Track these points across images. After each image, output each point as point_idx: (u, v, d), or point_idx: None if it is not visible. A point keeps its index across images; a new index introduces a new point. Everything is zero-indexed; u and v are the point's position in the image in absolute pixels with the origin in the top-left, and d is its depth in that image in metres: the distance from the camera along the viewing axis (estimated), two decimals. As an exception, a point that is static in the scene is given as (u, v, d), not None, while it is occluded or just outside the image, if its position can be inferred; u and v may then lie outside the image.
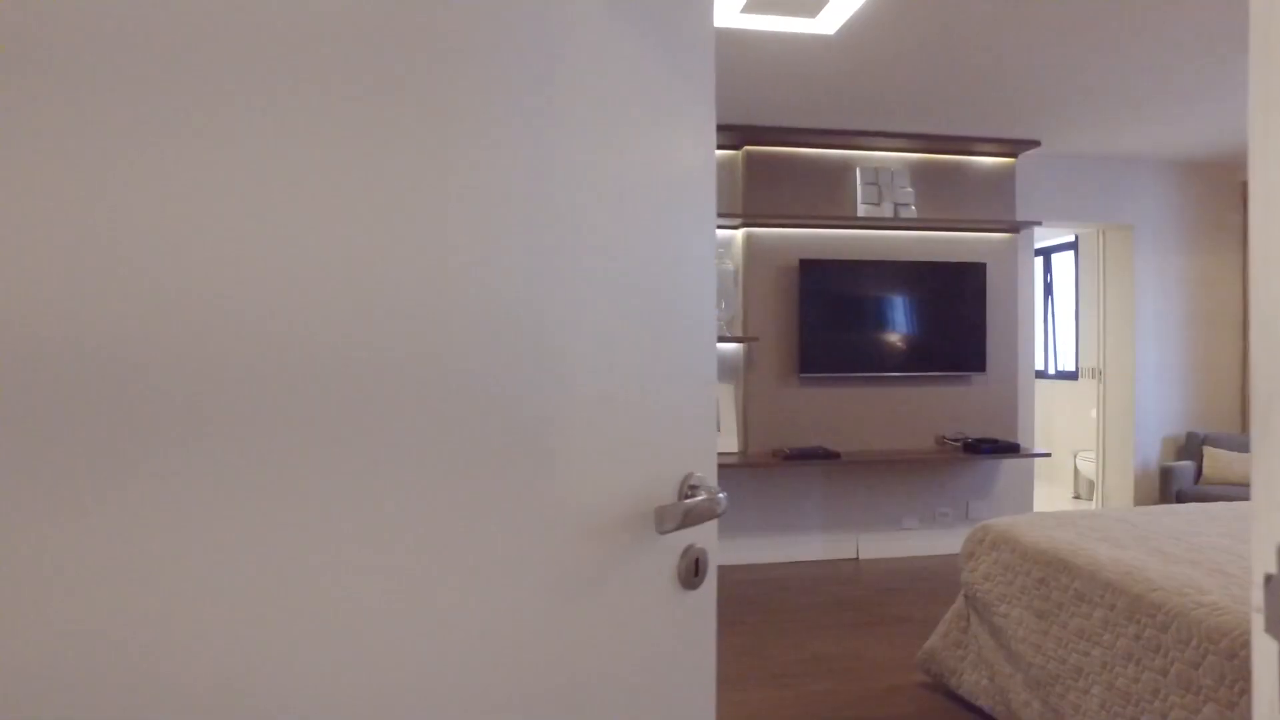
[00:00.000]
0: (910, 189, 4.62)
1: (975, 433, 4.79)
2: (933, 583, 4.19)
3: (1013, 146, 4.66)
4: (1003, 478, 4.92)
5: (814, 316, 4.51)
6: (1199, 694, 1.84)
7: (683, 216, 0.97)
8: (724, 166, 4.60)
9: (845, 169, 4.64)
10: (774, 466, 4.57)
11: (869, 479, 4.75)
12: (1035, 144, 4.65)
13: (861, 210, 4.57)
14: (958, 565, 4.39)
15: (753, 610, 3.78)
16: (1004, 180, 4.81)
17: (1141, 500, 5.25)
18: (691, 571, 0.98)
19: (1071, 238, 7.01)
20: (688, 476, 0.98)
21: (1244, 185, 5.34)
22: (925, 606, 3.80)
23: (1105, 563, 2.24)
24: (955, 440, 4.70)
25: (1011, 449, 4.49)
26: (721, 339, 4.43)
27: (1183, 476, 4.78)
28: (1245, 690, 1.73)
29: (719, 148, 4.56)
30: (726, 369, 4.61)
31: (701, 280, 1.00)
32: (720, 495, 0.92)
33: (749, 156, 4.53)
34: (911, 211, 4.60)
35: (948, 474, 4.84)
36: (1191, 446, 5.03)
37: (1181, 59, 3.41)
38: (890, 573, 4.39)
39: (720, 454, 4.43)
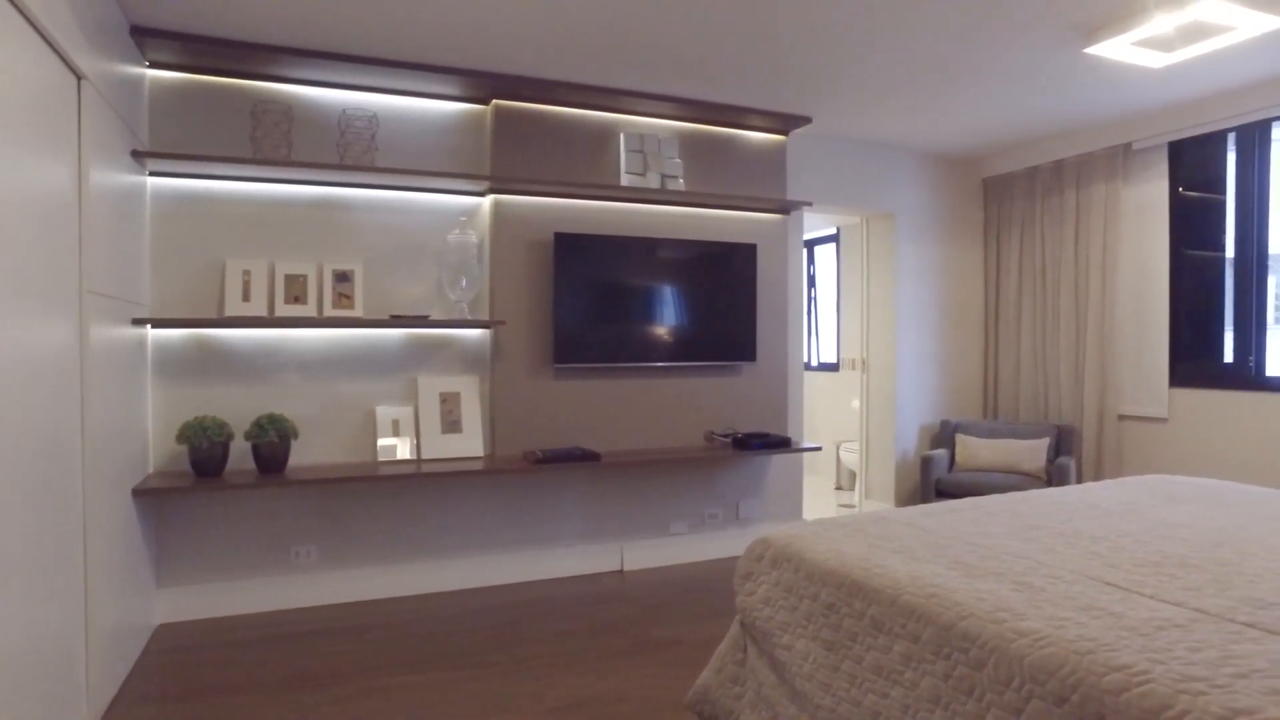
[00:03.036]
0: (679, 160, 4.19)
1: (745, 427, 4.47)
2: (704, 594, 3.78)
3: (784, 122, 4.39)
4: (773, 473, 4.66)
5: (571, 298, 3.95)
6: (1021, 747, 1.45)
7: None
8: (468, 122, 3.91)
9: (608, 133, 4.13)
10: (526, 472, 3.95)
11: (633, 482, 4.28)
12: (807, 120, 4.41)
13: (625, 180, 4.07)
14: (729, 573, 4.02)
15: (499, 645, 3.14)
16: (775, 158, 4.54)
17: (903, 489, 5.25)
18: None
19: (834, 230, 7.06)
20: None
21: (984, 182, 5.52)
22: (697, 624, 3.36)
23: (905, 583, 1.84)
24: (725, 436, 4.35)
25: (783, 443, 4.21)
26: (462, 323, 3.73)
27: (939, 465, 4.79)
28: (1078, 743, 1.35)
29: (460, 99, 3.86)
30: (469, 359, 3.92)
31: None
32: None
33: (499, 112, 3.88)
34: (680, 184, 4.17)
35: (717, 472, 4.49)
36: (945, 435, 5.08)
37: (939, 48, 3.25)
38: (658, 584, 3.93)
39: (461, 459, 3.74)
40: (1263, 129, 4.17)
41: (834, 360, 7.11)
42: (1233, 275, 4.29)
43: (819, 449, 4.39)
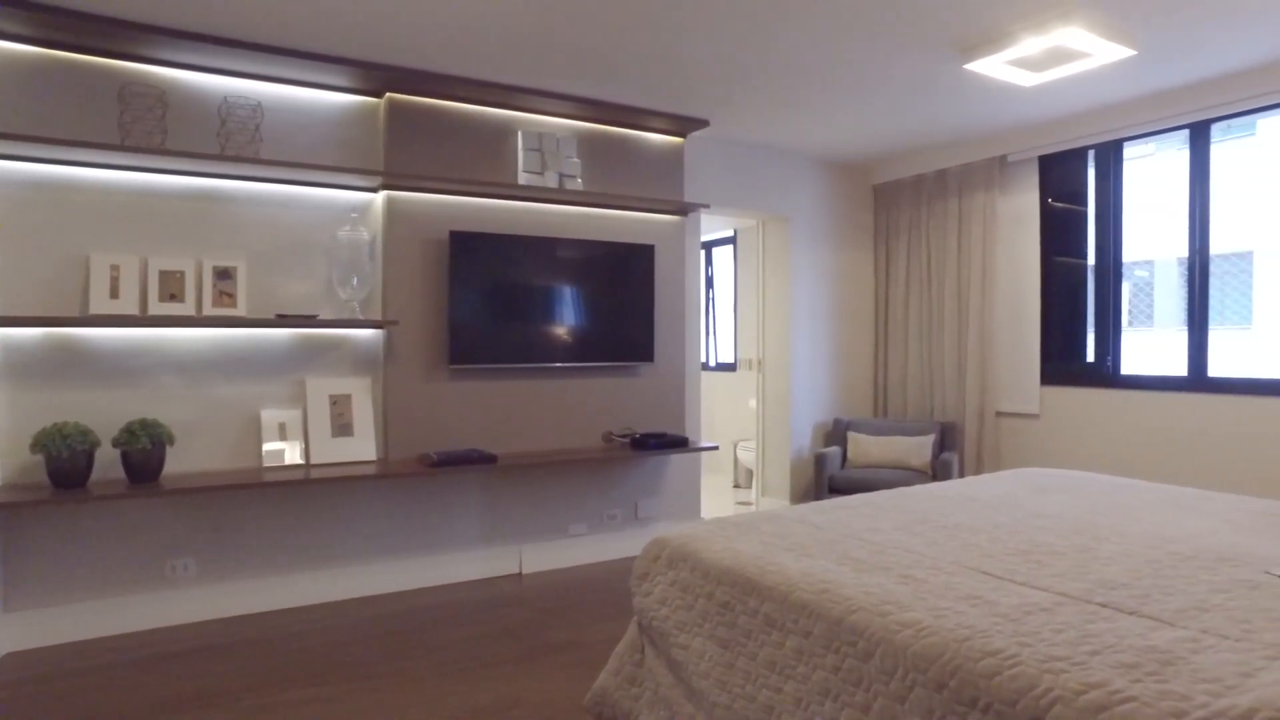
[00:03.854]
0: (577, 160, 4.17)
1: (643, 427, 4.50)
2: (603, 595, 3.77)
3: (683, 124, 4.44)
4: (671, 473, 4.71)
5: (467, 298, 3.88)
6: (904, 734, 1.51)
7: None
8: (360, 115, 3.77)
9: (506, 131, 4.07)
10: (421, 475, 3.86)
11: (532, 483, 4.24)
12: (705, 123, 4.47)
13: (523, 179, 4.03)
14: (628, 574, 4.03)
15: (394, 655, 3.04)
16: (673, 160, 4.58)
17: (799, 486, 5.39)
18: None
19: (730, 232, 7.20)
20: None
21: (875, 188, 5.74)
22: (596, 626, 3.35)
23: (797, 579, 1.89)
24: (624, 436, 4.36)
25: (681, 443, 4.26)
26: (353, 323, 3.60)
27: (832, 462, 4.94)
28: (956, 728, 1.42)
29: (352, 90, 3.73)
30: (361, 360, 3.79)
31: None
32: None
33: (393, 105, 3.76)
34: (578, 184, 4.16)
35: (616, 473, 4.50)
36: (838, 432, 5.25)
37: (831, 59, 3.36)
38: (557, 587, 3.90)
39: (353, 463, 3.61)
40: (1116, 148, 4.50)
41: (731, 360, 7.25)
42: (1093, 281, 4.62)
43: (716, 448, 4.47)
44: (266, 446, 3.51)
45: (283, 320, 3.43)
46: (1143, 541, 2.16)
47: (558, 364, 4.14)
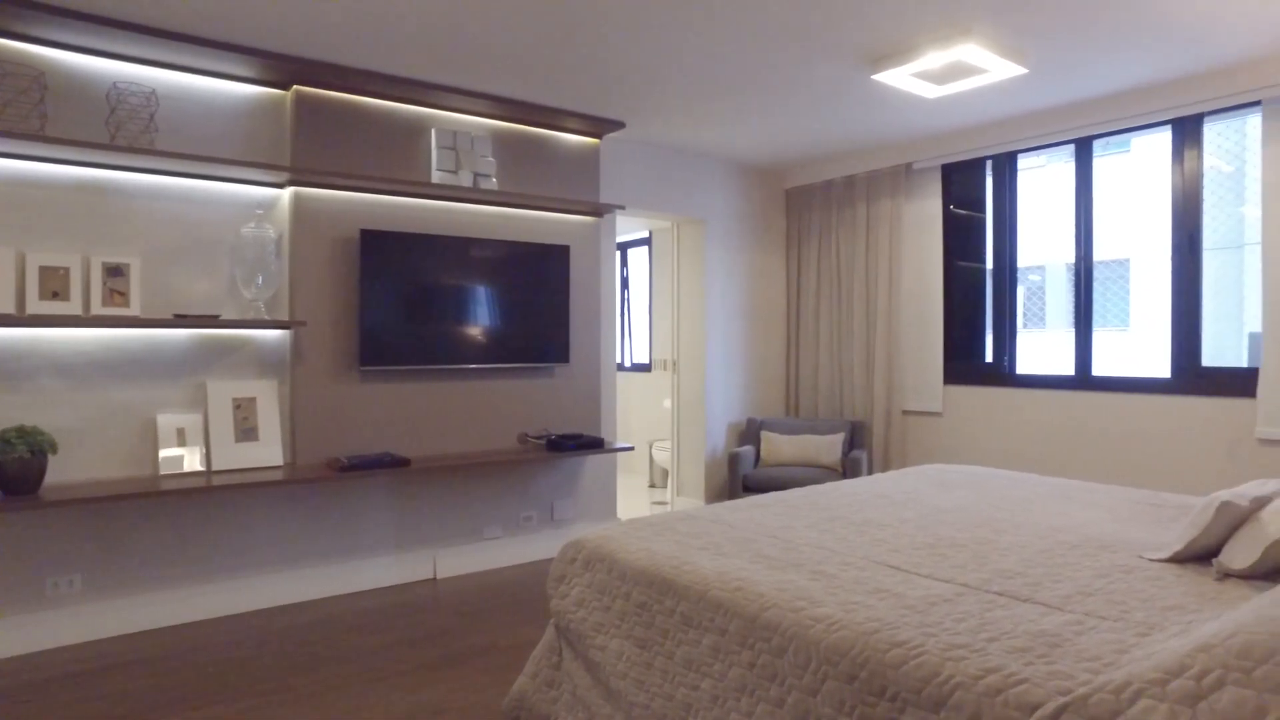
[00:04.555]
0: (492, 159, 4.13)
1: (559, 428, 4.48)
2: (520, 598, 3.74)
3: (599, 125, 4.44)
4: (587, 474, 4.70)
5: (378, 298, 3.78)
6: (816, 725, 1.56)
7: None
8: (265, 107, 3.63)
9: (419, 129, 3.99)
10: (330, 480, 3.74)
11: (446, 487, 4.17)
12: (620, 125, 4.49)
13: (436, 177, 3.95)
14: (545, 576, 4.00)
15: (303, 667, 2.94)
16: (589, 161, 4.58)
17: (713, 485, 5.47)
18: None
19: (646, 233, 7.24)
20: None
21: (787, 192, 5.88)
22: (513, 629, 3.32)
23: (712, 578, 1.92)
24: (539, 438, 4.33)
25: (597, 444, 4.26)
26: (259, 324, 3.47)
27: (746, 461, 5.04)
28: (865, 717, 1.47)
29: (257, 82, 3.59)
30: (267, 362, 3.65)
31: None
32: None
33: (300, 99, 3.63)
34: (493, 184, 4.11)
35: (531, 474, 4.47)
36: (751, 432, 5.36)
37: (744, 66, 3.42)
38: (473, 591, 3.85)
39: (258, 468, 3.47)
40: (1011, 159, 4.74)
41: (646, 361, 7.30)
42: (991, 285, 4.85)
43: (632, 449, 4.49)
44: (163, 453, 3.34)
45: (181, 320, 3.27)
46: (1036, 533, 2.28)
47: (472, 365, 4.08)
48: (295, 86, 3.63)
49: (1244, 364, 3.90)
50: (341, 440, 3.76)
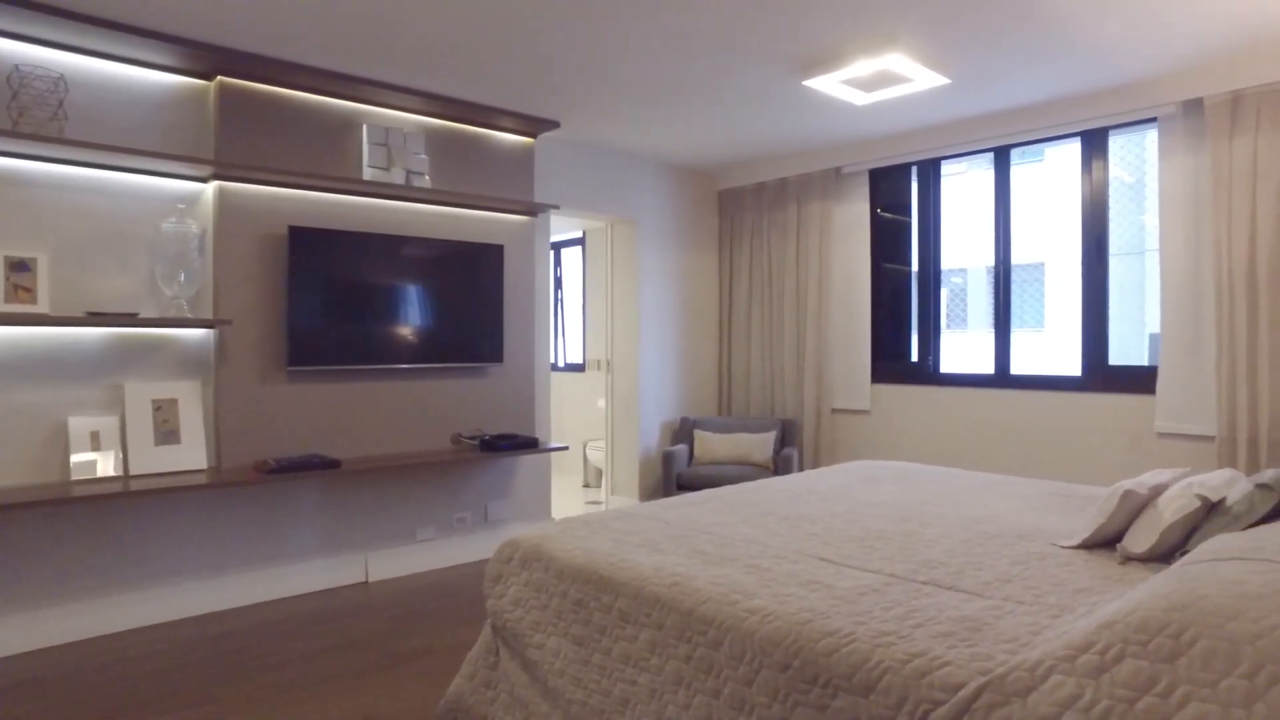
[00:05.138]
0: (425, 156, 4.07)
1: (493, 428, 4.46)
2: (454, 600, 3.71)
3: (533, 125, 4.43)
4: (521, 474, 4.69)
5: (308, 297, 3.70)
6: (752, 713, 1.60)
7: None
8: (187, 98, 3.51)
9: (350, 124, 3.91)
10: (257, 483, 3.64)
11: (378, 488, 4.10)
12: (555, 124, 4.49)
13: (368, 174, 3.89)
14: (479, 578, 3.98)
15: (228, 677, 2.85)
16: (523, 160, 4.57)
17: (647, 484, 5.51)
18: None
19: (580, 234, 7.25)
20: None
21: (720, 194, 5.96)
22: (448, 631, 3.29)
23: (649, 574, 1.95)
24: (472, 438, 4.30)
25: (531, 444, 4.25)
26: (180, 322, 3.35)
27: (680, 460, 5.09)
28: (798, 704, 1.52)
29: (178, 71, 3.47)
30: (189, 362, 3.53)
31: None
32: None
33: (225, 90, 3.52)
34: (426, 181, 4.06)
35: (465, 475, 4.43)
36: (684, 431, 5.42)
37: (678, 68, 3.47)
38: (406, 593, 3.80)
39: (180, 472, 3.36)
40: (935, 165, 4.92)
41: (580, 361, 7.30)
42: (916, 286, 5.02)
43: (566, 448, 4.49)
44: (75, 458, 3.19)
45: (95, 319, 3.13)
46: (959, 524, 2.38)
47: (404, 365, 4.02)
48: (219, 77, 3.52)
49: (1145, 363, 4.13)
50: (269, 442, 3.66)
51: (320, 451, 3.82)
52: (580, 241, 7.30)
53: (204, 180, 3.54)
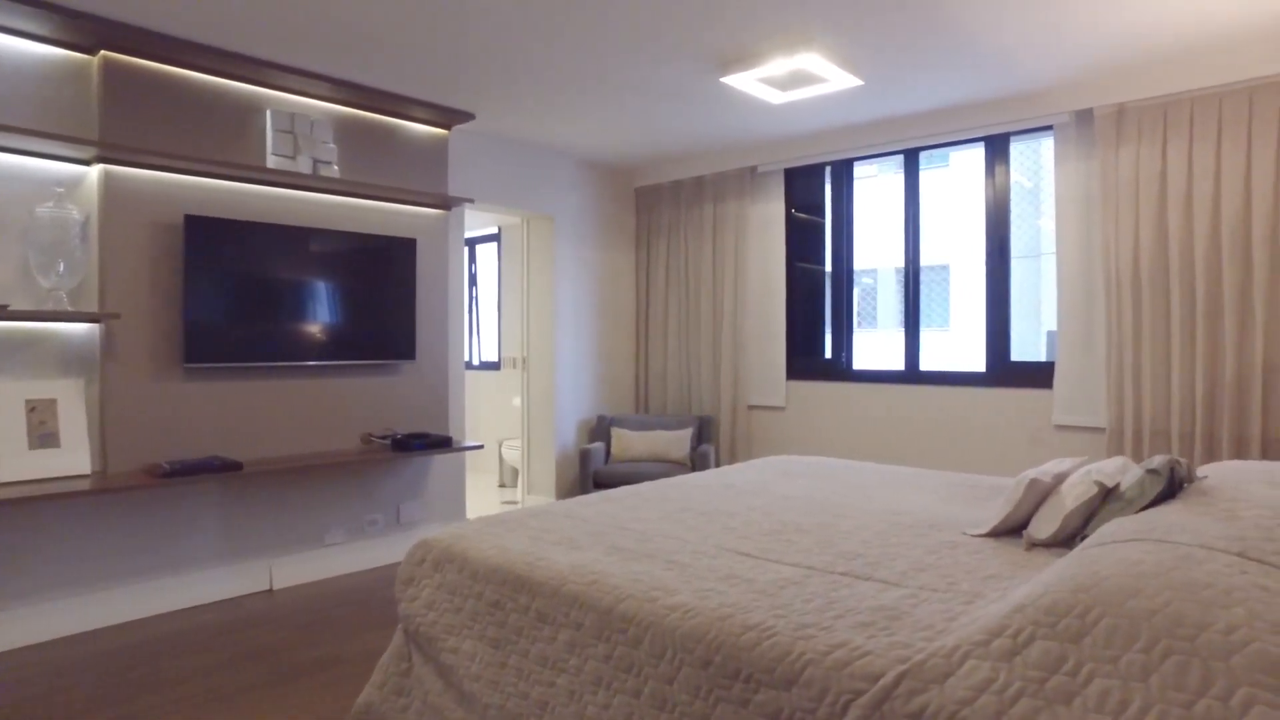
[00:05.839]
0: (333, 145, 3.92)
1: (405, 428, 4.33)
2: (365, 605, 3.57)
3: (447, 116, 4.31)
4: (435, 474, 4.56)
5: (206, 290, 3.50)
6: (673, 711, 1.58)
7: None
8: (66, 73, 3.27)
9: (252, 109, 3.72)
10: (150, 488, 3.43)
11: (283, 491, 3.91)
12: (470, 116, 4.38)
13: (272, 162, 3.71)
14: (391, 582, 3.85)
15: (118, 697, 2.66)
16: (437, 152, 4.44)
17: (564, 483, 5.45)
18: None
19: (495, 229, 7.12)
20: None
21: (637, 191, 5.95)
22: (358, 639, 3.16)
23: (567, 573, 1.90)
24: (384, 437, 4.16)
25: (444, 443, 4.14)
26: (59, 316, 3.11)
27: (597, 457, 5.05)
28: (721, 699, 1.51)
29: (55, 42, 3.22)
30: (70, 359, 3.29)
31: None
32: None
33: (109, 66, 3.29)
34: (335, 171, 3.90)
35: (376, 476, 4.28)
36: (602, 429, 5.38)
37: (595, 62, 3.44)
38: (313, 600, 3.64)
39: (59, 478, 3.12)
40: (848, 166, 5.03)
41: (495, 359, 7.18)
42: (830, 285, 5.12)
43: (481, 447, 4.40)
44: (-60, 462, 2.93)
45: (-38, 311, 2.88)
46: (874, 516, 2.42)
47: (313, 362, 3.86)
48: (103, 52, 3.29)
49: (1043, 359, 4.33)
50: (163, 444, 3.44)
51: (221, 453, 3.62)
52: (496, 238, 7.18)
53: (87, 163, 3.31)
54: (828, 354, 5.14)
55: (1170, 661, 1.14)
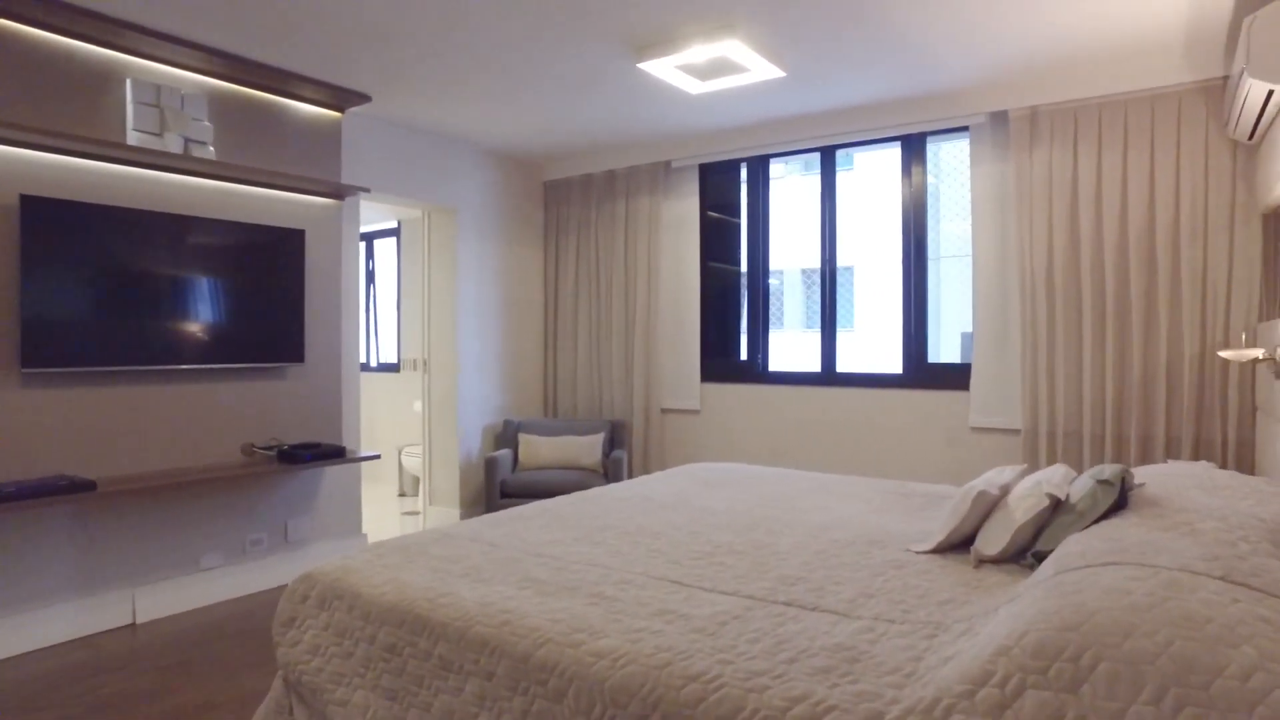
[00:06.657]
0: (209, 124, 3.50)
1: (293, 437, 3.94)
2: (245, 639, 3.19)
3: (341, 97, 3.95)
4: (327, 486, 4.19)
5: (50, 282, 3.04)
6: (600, 775, 1.36)
7: None
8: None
9: (110, 76, 3.28)
10: (-19, 513, 2.95)
11: (148, 512, 3.47)
12: (366, 99, 4.03)
13: (133, 139, 3.28)
14: (276, 612, 3.48)
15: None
16: (329, 136, 4.07)
17: (468, 492, 5.13)
18: None
19: (394, 223, 6.72)
20: None
21: (545, 184, 5.69)
22: (235, 681, 2.80)
23: (475, 611, 1.65)
24: (268, 448, 3.77)
25: (337, 453, 3.78)
26: None
27: (503, 465, 4.77)
28: (656, 760, 1.30)
29: None
30: (-122, 362, 2.79)
31: None
32: None
33: (-71, 23, 2.82)
34: (210, 152, 3.49)
35: (260, 491, 3.88)
36: (508, 434, 5.10)
37: (502, 46, 3.18)
38: (185, 635, 3.23)
39: None
40: (764, 164, 4.92)
41: (394, 361, 6.78)
42: (745, 286, 5.00)
43: (379, 456, 4.05)
44: None
45: None
46: (808, 532, 2.26)
47: (184, 365, 3.44)
48: (-76, 8, 2.81)
49: (959, 360, 4.31)
50: (-4, 461, 2.97)
51: (69, 471, 3.17)
52: (395, 232, 6.77)
53: (-98, 134, 2.82)
54: (743, 356, 5.02)
55: (1185, 715, 0.99)
